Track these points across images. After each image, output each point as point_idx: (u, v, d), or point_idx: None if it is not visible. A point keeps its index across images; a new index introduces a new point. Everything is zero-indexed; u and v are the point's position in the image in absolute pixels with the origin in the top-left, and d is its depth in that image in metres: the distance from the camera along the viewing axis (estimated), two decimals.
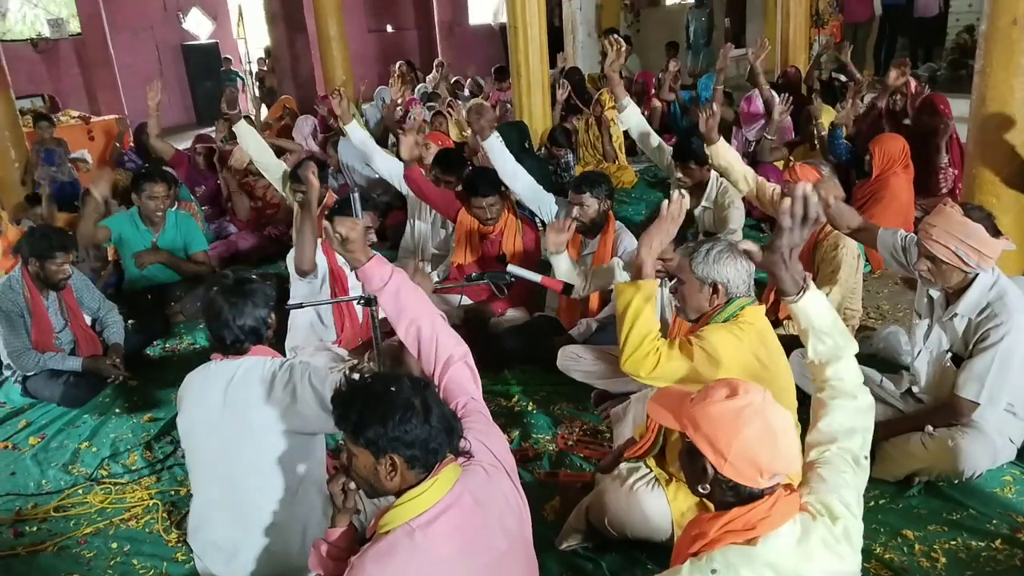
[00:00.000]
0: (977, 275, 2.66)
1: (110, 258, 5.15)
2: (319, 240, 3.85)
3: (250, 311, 2.38)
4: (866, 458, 1.76)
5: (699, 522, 1.63)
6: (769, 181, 5.38)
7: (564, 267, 3.41)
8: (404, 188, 4.61)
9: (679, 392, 1.71)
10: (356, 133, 4.78)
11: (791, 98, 5.38)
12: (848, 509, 1.62)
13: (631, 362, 2.32)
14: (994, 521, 2.58)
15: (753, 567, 1.50)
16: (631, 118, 4.51)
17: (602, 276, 3.45)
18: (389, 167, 4.68)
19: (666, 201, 2.43)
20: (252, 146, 4.89)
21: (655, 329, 2.32)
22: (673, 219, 2.39)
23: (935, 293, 2.83)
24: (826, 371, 1.87)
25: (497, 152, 4.11)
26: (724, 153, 3.85)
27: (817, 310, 1.86)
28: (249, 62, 15.05)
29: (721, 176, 4.09)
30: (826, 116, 5.65)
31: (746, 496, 1.56)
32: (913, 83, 6.00)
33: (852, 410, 1.80)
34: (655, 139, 4.58)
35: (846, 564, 1.59)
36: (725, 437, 1.53)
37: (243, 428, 2.34)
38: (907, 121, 5.59)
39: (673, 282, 3.23)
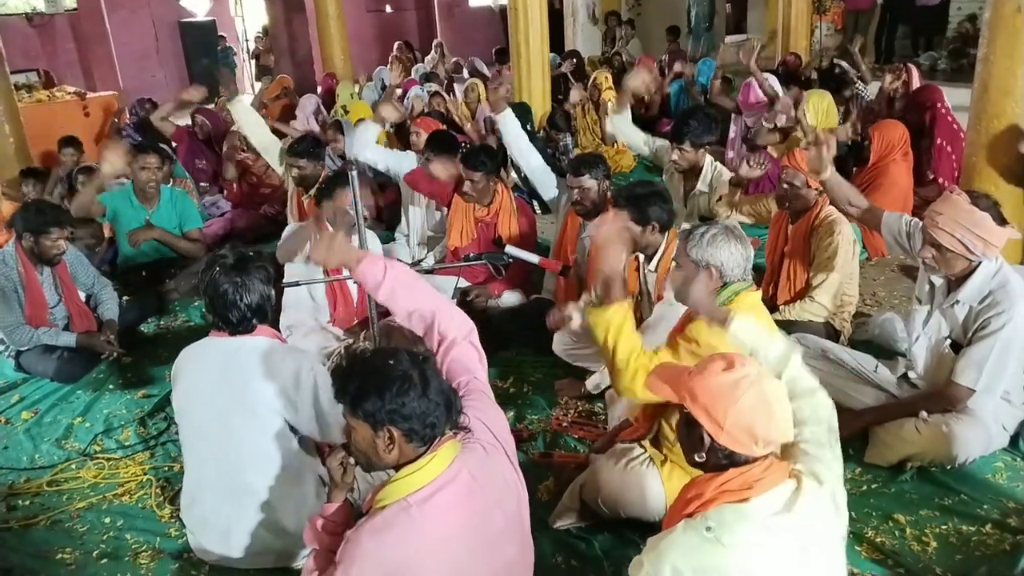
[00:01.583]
0: (980, 263, 2.66)
1: (106, 235, 5.12)
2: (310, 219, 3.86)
3: (255, 288, 2.37)
4: (838, 442, 1.81)
5: (696, 484, 1.67)
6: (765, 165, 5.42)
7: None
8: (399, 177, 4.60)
9: (678, 367, 1.76)
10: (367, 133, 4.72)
11: (792, 93, 5.39)
12: (834, 476, 1.68)
13: (623, 386, 2.27)
14: (985, 506, 2.59)
15: (745, 524, 1.55)
16: (620, 124, 4.50)
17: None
18: (386, 162, 4.65)
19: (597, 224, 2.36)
20: (248, 124, 4.87)
21: (637, 346, 2.27)
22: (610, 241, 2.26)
23: (937, 280, 2.82)
24: (781, 379, 1.92)
25: (511, 127, 4.08)
26: None
27: (747, 331, 1.97)
28: (246, 40, 14.95)
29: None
30: (817, 97, 5.64)
31: (741, 462, 1.61)
32: (915, 73, 5.98)
33: (814, 404, 1.86)
34: (640, 137, 4.58)
35: (833, 527, 1.65)
36: (722, 407, 1.58)
37: (241, 404, 2.34)
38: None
39: (653, 260, 3.27)
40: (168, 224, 4.81)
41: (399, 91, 8.01)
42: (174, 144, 6.38)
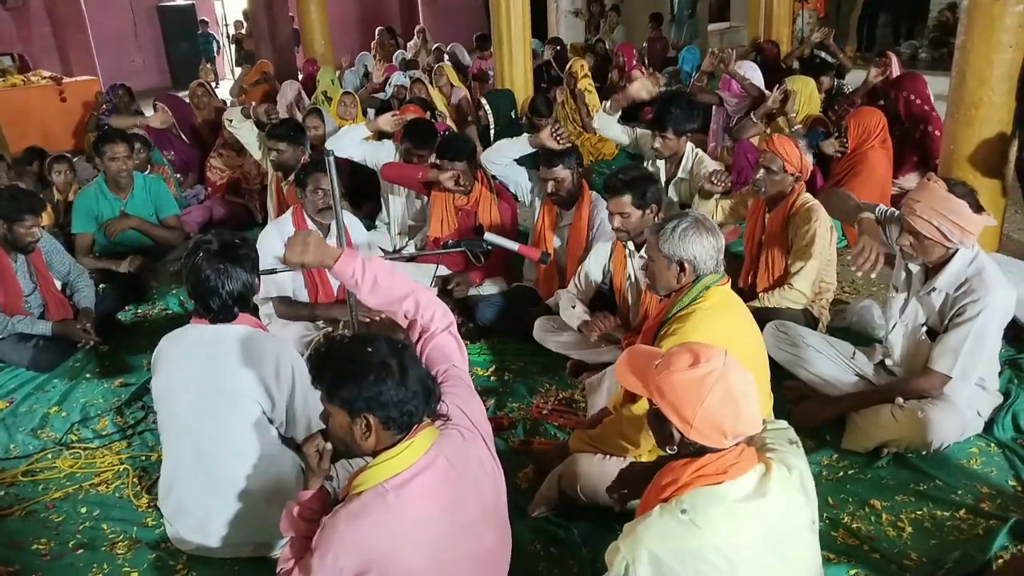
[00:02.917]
0: (957, 250, 2.68)
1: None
2: (290, 208, 3.83)
3: (238, 276, 2.34)
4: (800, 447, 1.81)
5: (671, 469, 1.68)
6: (748, 158, 5.42)
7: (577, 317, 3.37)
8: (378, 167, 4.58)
9: (646, 354, 1.75)
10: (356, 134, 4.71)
11: (783, 86, 5.36)
12: (800, 462, 1.70)
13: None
14: (959, 492, 2.62)
15: (719, 506, 1.57)
16: (606, 123, 4.47)
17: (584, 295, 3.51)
18: (363, 153, 4.62)
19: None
20: (248, 139, 4.91)
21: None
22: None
23: (914, 267, 2.84)
24: None
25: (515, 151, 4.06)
26: None
27: None
28: (226, 25, 14.77)
29: None
30: (800, 84, 5.63)
31: (713, 452, 1.62)
32: (895, 61, 6.00)
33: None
34: (622, 131, 4.56)
35: (802, 512, 1.67)
36: (690, 405, 1.58)
37: (221, 392, 2.33)
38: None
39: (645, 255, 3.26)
40: (144, 212, 4.74)
41: (381, 78, 7.98)
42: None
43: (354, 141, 4.53)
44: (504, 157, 4.04)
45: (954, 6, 9.89)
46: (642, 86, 4.43)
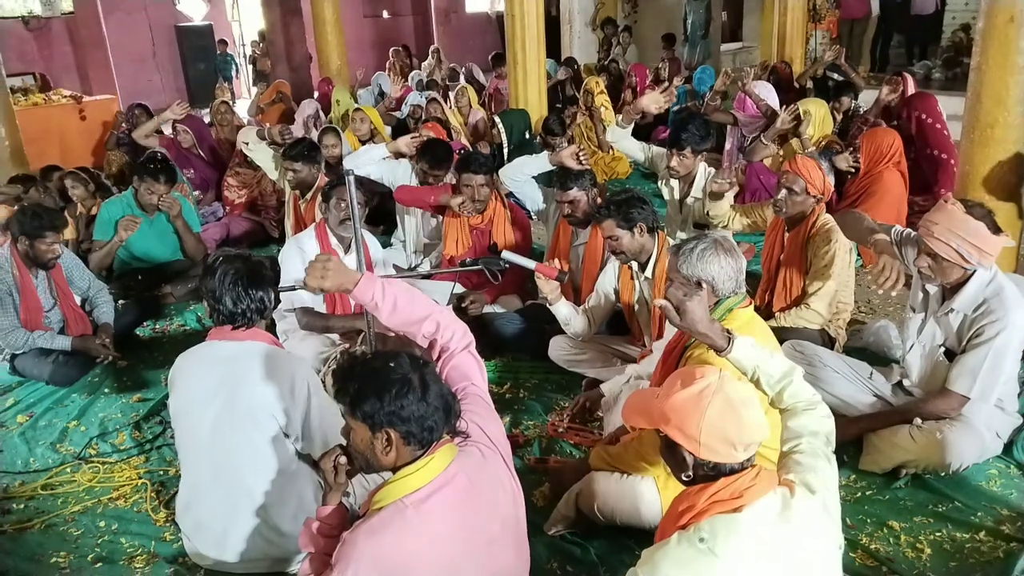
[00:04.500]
0: (975, 271, 2.67)
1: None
2: (313, 224, 3.87)
3: (261, 284, 2.40)
4: (833, 453, 1.82)
5: (687, 495, 1.68)
6: (760, 179, 5.43)
7: (564, 312, 3.42)
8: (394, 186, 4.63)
9: (646, 393, 1.78)
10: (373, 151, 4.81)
11: (794, 107, 5.36)
12: (826, 486, 1.69)
13: None
14: (979, 513, 2.61)
15: (739, 535, 1.56)
16: (619, 137, 4.53)
17: (599, 311, 3.50)
18: (380, 172, 4.68)
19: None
20: (263, 160, 5.00)
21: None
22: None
23: (931, 288, 2.84)
24: (783, 396, 1.95)
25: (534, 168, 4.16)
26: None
27: (749, 354, 1.97)
28: (243, 45, 14.95)
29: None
30: (814, 106, 5.63)
31: (728, 473, 1.62)
32: (911, 81, 6.00)
33: (815, 417, 1.89)
34: (637, 147, 4.61)
35: (826, 536, 1.66)
36: (693, 421, 1.60)
37: (239, 409, 2.34)
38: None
39: (648, 267, 3.28)
40: (167, 231, 4.82)
41: (398, 93, 8.07)
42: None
43: (372, 160, 4.59)
44: (522, 174, 4.09)
45: (967, 27, 9.89)
46: (652, 99, 4.51)
